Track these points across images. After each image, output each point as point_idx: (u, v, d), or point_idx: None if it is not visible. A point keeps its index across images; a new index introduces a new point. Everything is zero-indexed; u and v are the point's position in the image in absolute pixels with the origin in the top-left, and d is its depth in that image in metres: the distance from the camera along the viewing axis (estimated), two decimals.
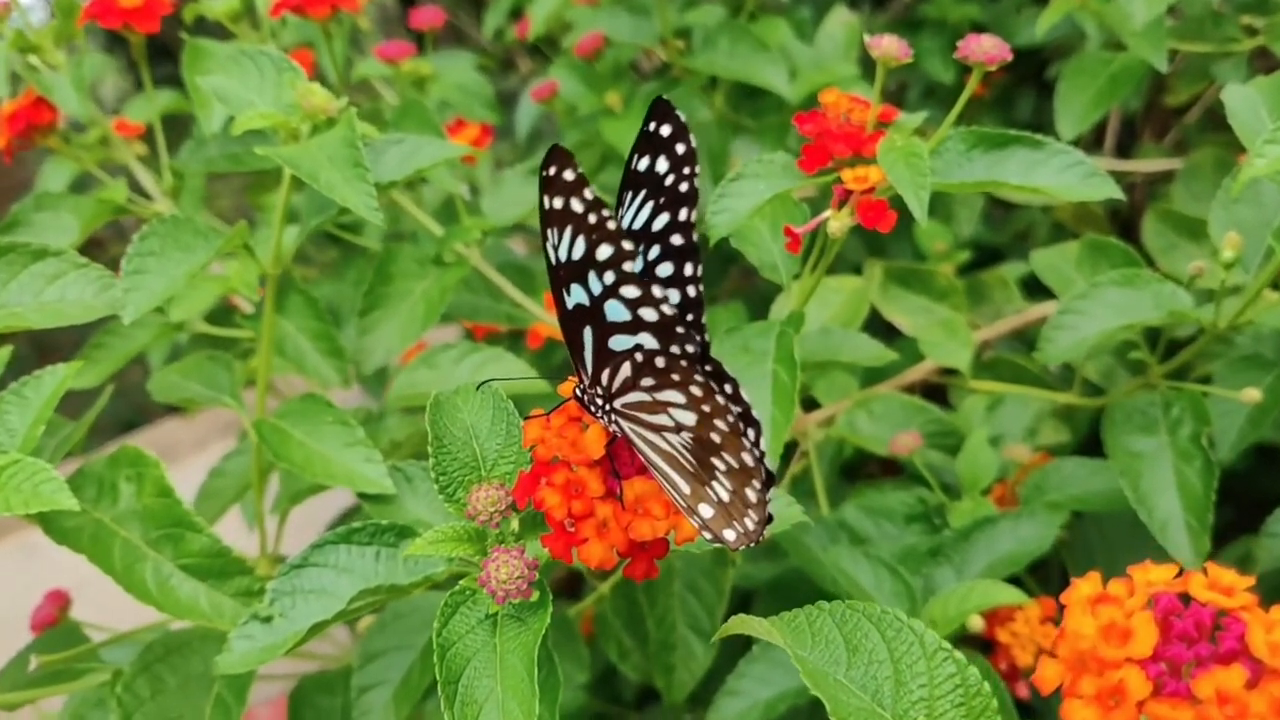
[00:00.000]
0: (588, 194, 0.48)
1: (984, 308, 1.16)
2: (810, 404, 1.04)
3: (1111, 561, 0.90)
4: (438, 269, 0.91)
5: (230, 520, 0.94)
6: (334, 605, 0.56)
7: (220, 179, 1.21)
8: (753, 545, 0.51)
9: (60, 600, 0.83)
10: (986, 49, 0.66)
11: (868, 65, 0.91)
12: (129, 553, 0.64)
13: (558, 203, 0.49)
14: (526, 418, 0.54)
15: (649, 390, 0.50)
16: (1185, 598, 0.46)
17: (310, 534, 1.22)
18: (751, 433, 0.51)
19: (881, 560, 0.80)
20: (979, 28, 1.40)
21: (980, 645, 0.82)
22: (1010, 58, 0.66)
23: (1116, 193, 0.69)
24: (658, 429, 0.51)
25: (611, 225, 0.48)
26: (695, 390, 0.49)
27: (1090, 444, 0.88)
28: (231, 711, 0.67)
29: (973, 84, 0.68)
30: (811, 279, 0.77)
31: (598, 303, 0.50)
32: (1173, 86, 1.27)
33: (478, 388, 0.58)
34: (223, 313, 1.00)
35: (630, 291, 0.49)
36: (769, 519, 0.52)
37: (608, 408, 0.52)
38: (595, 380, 0.52)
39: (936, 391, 1.15)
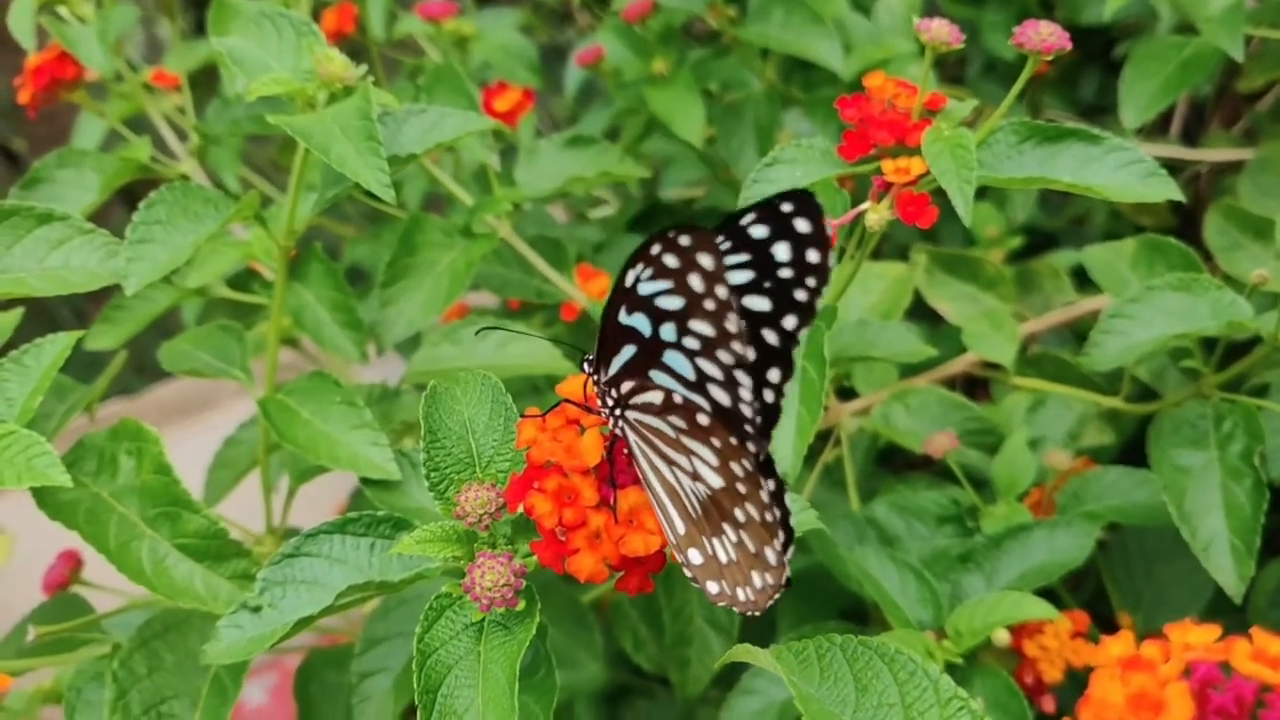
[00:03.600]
0: (720, 292, 0.44)
1: (1033, 297, 1.12)
2: (848, 392, 1.01)
3: (1149, 574, 0.86)
4: (465, 240, 0.89)
5: (248, 486, 0.93)
6: (324, 598, 0.54)
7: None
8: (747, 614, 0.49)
9: (72, 561, 0.83)
10: (1044, 37, 0.62)
11: None
12: (125, 530, 0.62)
13: (671, 261, 0.44)
14: (522, 416, 0.52)
15: (673, 428, 0.47)
16: (1226, 666, 0.42)
17: (327, 509, 1.21)
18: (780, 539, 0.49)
19: (908, 564, 0.77)
20: (1046, 3, 1.34)
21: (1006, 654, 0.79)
22: (1069, 47, 0.62)
23: (1177, 194, 0.65)
24: (669, 460, 0.48)
25: (733, 326, 0.44)
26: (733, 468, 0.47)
27: (1135, 447, 0.84)
28: (228, 693, 0.66)
29: (1027, 73, 0.64)
30: (849, 269, 0.74)
31: (659, 342, 0.46)
32: (1247, 71, 1.20)
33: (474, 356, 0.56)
34: (249, 276, 0.98)
35: (711, 370, 0.46)
36: (775, 590, 0.50)
37: (618, 411, 0.50)
38: (614, 382, 0.49)
39: (978, 383, 1.11)
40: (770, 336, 0.48)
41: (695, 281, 0.44)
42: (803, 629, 0.81)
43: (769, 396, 0.49)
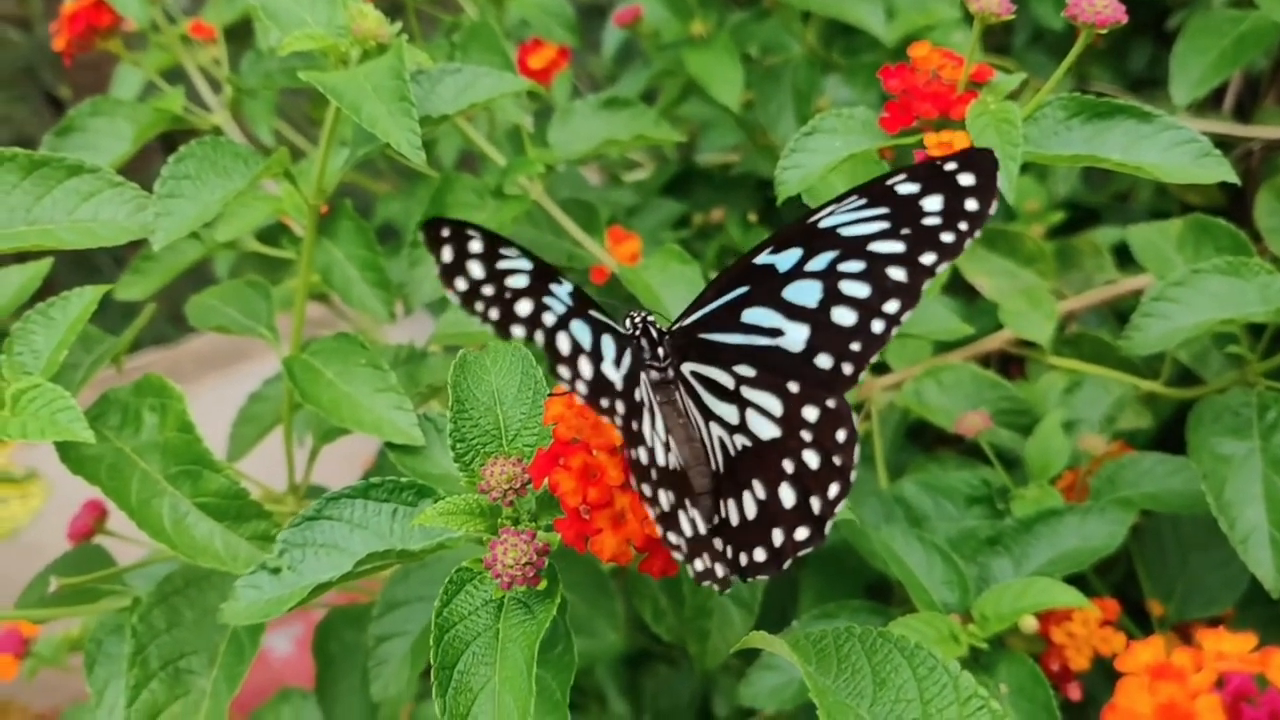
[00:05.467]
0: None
1: (1073, 274, 1.10)
2: (880, 366, 1.00)
3: (1184, 563, 0.85)
4: (497, 201, 0.87)
5: (275, 442, 0.93)
6: (344, 563, 0.53)
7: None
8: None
9: (97, 511, 0.83)
10: (1099, 9, 0.60)
11: None
12: (147, 486, 0.62)
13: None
14: (550, 393, 0.51)
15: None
16: (1262, 679, 0.41)
17: (356, 465, 1.20)
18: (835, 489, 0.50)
19: (935, 545, 0.76)
20: None
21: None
22: (1125, 20, 0.60)
23: (1231, 176, 0.63)
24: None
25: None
26: None
27: (1173, 431, 0.82)
28: (245, 650, 0.66)
29: (1079, 47, 0.62)
30: None
31: None
32: None
33: None
34: (281, 230, 0.97)
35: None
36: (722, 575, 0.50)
37: None
38: None
39: (1014, 361, 1.09)
40: (898, 274, 0.51)
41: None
42: (825, 606, 0.80)
43: (877, 327, 0.51)
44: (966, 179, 0.50)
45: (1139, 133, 0.63)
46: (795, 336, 0.52)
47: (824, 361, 0.52)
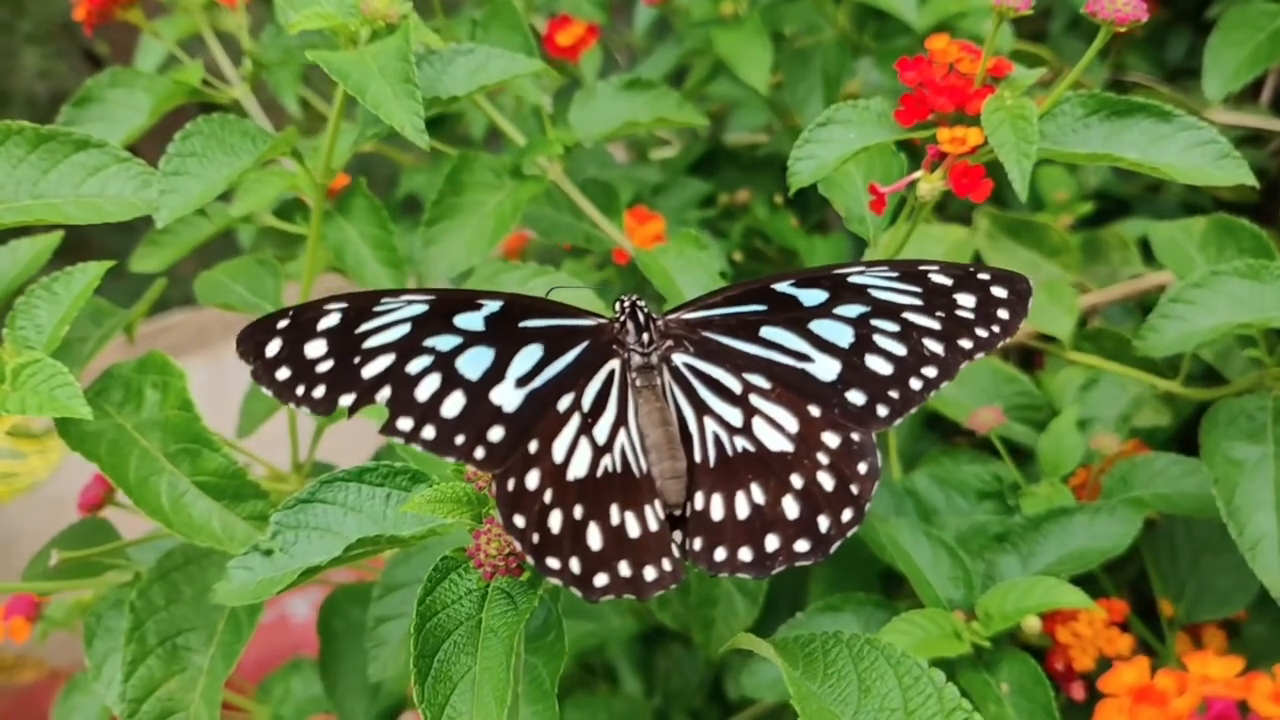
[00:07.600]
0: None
1: (1098, 267, 1.08)
2: None
3: (1195, 564, 0.84)
4: (514, 181, 0.87)
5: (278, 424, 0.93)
6: (335, 547, 0.53)
7: None
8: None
9: (107, 483, 0.83)
10: (1119, 7, 0.59)
11: None
12: (146, 464, 0.62)
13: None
14: None
15: None
16: (1245, 706, 0.40)
17: (373, 446, 1.21)
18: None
19: (942, 540, 0.75)
20: None
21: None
22: (1144, 18, 0.59)
23: (1249, 178, 0.61)
24: None
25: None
26: None
27: (1191, 432, 0.81)
28: (243, 629, 0.66)
29: (1098, 43, 0.60)
30: (903, 232, 0.71)
31: None
32: None
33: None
34: (297, 205, 0.97)
35: None
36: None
37: None
38: None
39: (1033, 354, 1.08)
40: (935, 346, 0.53)
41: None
42: (831, 598, 0.79)
43: (915, 384, 0.53)
44: (999, 291, 0.53)
45: (1157, 132, 0.62)
46: (826, 367, 0.54)
47: (856, 398, 0.53)
